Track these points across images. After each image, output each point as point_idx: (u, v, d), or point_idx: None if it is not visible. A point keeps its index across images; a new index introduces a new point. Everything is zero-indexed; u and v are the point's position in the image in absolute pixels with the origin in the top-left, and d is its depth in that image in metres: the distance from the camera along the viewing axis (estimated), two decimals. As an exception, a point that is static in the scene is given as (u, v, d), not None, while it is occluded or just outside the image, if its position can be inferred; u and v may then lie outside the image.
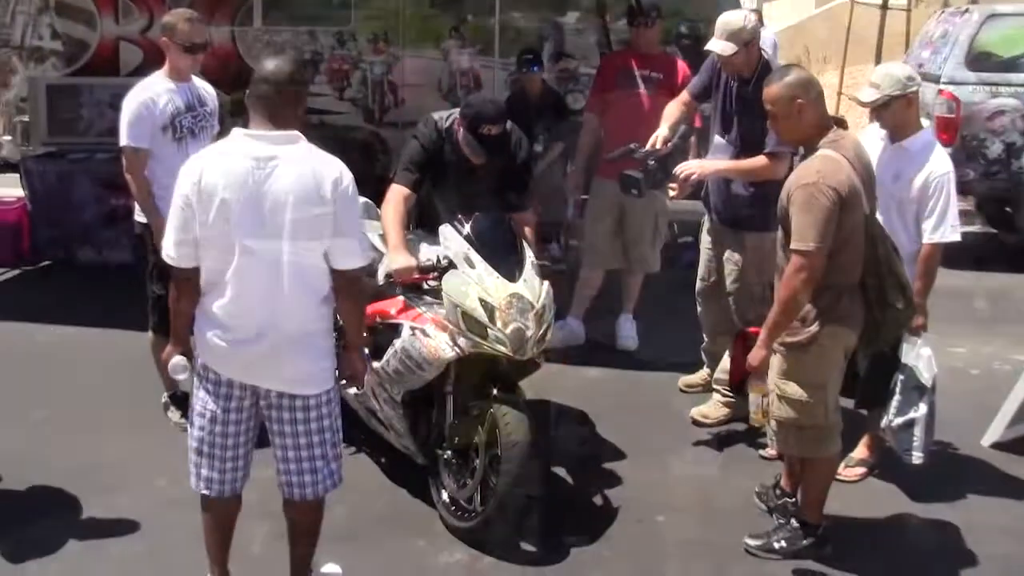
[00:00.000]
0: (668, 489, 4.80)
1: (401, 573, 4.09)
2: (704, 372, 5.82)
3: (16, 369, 6.14)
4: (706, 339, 5.74)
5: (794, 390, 3.99)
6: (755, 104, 4.79)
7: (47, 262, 8.14)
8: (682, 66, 6.26)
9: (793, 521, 4.22)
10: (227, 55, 9.00)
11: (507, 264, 4.32)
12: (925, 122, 4.64)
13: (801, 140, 4.02)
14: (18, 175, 8.50)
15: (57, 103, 8.26)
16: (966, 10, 9.04)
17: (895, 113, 4.47)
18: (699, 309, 5.69)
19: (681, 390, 5.88)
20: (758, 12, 8.36)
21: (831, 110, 12.49)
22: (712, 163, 5.20)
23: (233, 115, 8.72)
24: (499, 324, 4.15)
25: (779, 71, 4.04)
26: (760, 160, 5.00)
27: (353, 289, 3.55)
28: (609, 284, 6.71)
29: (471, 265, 4.28)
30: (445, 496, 4.40)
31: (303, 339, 3.45)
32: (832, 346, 3.96)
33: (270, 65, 3.42)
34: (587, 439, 5.36)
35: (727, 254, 5.32)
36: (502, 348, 4.15)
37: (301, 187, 3.28)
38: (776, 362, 4.02)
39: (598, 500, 4.68)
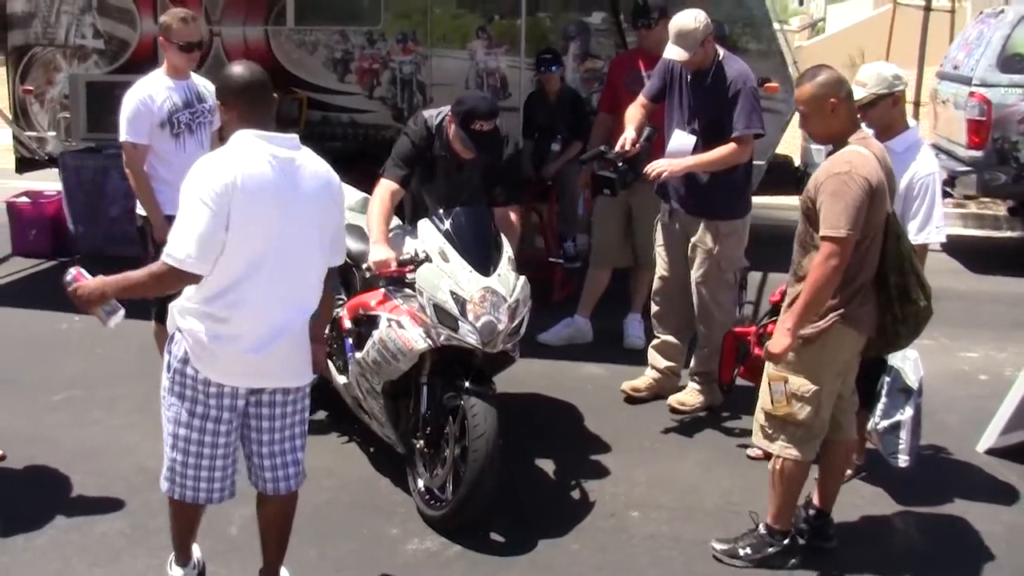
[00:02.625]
0: (648, 486, 4.81)
1: (369, 558, 4.15)
2: (650, 376, 5.84)
3: (39, 355, 6.38)
4: (663, 336, 5.77)
5: (790, 382, 3.96)
6: (715, 93, 5.17)
7: (80, 254, 8.37)
8: None
9: (761, 528, 4.20)
10: (261, 54, 9.18)
11: (482, 259, 4.38)
12: (912, 122, 4.60)
13: (832, 137, 3.98)
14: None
15: (96, 100, 8.45)
16: (1001, 11, 8.88)
17: (881, 112, 4.44)
18: (657, 308, 5.77)
19: (626, 394, 5.81)
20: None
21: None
22: (680, 161, 5.25)
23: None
24: (471, 317, 4.21)
25: (810, 71, 4.02)
26: (727, 148, 5.18)
27: (328, 284, 3.64)
28: (618, 283, 6.74)
29: (445, 259, 4.35)
30: (421, 485, 4.47)
31: (304, 331, 3.50)
32: (836, 347, 3.94)
33: (246, 69, 3.42)
34: (577, 434, 5.39)
35: (697, 243, 5.41)
36: (472, 340, 4.22)
37: (319, 187, 3.39)
38: None
39: (575, 494, 4.71)
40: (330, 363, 5.12)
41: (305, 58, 9.21)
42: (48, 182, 9.46)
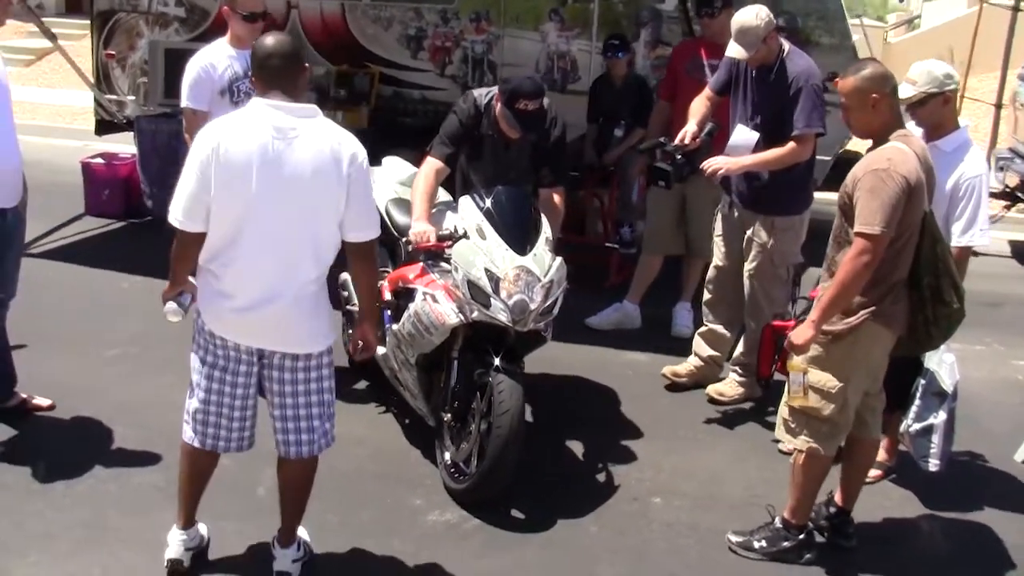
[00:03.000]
0: (674, 473, 4.83)
1: (389, 526, 4.25)
2: (692, 363, 5.84)
3: (100, 312, 6.59)
4: (711, 325, 5.77)
5: (816, 377, 3.96)
6: (777, 90, 5.12)
7: (150, 217, 8.60)
8: None
9: (777, 521, 4.20)
10: (337, 29, 9.33)
11: (519, 238, 4.42)
12: (963, 122, 4.51)
13: (873, 133, 3.97)
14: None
15: (174, 67, 8.58)
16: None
17: (931, 111, 4.38)
18: (709, 296, 5.77)
19: (665, 377, 5.84)
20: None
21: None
22: (738, 160, 5.24)
23: (338, 86, 9.07)
24: (503, 295, 4.27)
25: (855, 65, 4.03)
26: (785, 147, 5.13)
27: (365, 261, 3.67)
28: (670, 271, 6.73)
29: (483, 236, 4.41)
30: (447, 458, 4.55)
31: (307, 300, 3.55)
32: (867, 344, 3.93)
33: (272, 40, 3.52)
34: (612, 419, 5.42)
35: (753, 236, 5.39)
36: (503, 318, 4.27)
37: (320, 160, 3.40)
38: None
39: (601, 477, 4.75)
40: (371, 334, 5.23)
41: (380, 34, 9.31)
42: (124, 145, 9.72)
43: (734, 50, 5.16)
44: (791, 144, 5.14)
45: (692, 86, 6.28)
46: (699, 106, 5.55)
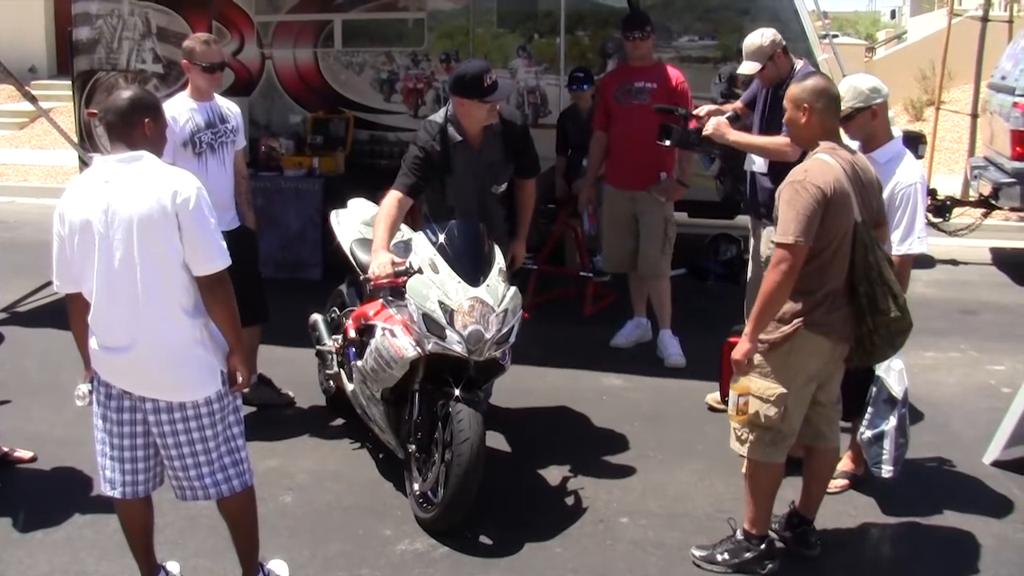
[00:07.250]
0: (643, 493, 4.91)
1: (359, 558, 4.32)
2: None
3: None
4: None
5: (758, 385, 4.04)
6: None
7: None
8: (674, 72, 6.52)
9: (738, 533, 4.27)
10: (311, 76, 9.51)
11: (472, 270, 4.53)
12: (896, 132, 4.63)
13: (804, 142, 4.14)
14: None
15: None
16: (1047, 21, 8.75)
17: (860, 125, 4.51)
18: (749, 300, 5.83)
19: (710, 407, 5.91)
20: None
21: (931, 124, 12.13)
22: (734, 133, 5.49)
23: (314, 132, 9.23)
24: (458, 326, 4.37)
25: (803, 76, 4.23)
26: (776, 139, 5.32)
27: (214, 294, 3.60)
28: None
29: (435, 270, 4.52)
30: (416, 488, 4.63)
31: (174, 348, 3.57)
32: (803, 352, 3.99)
33: (113, 97, 3.67)
34: (584, 443, 5.50)
35: (765, 244, 5.55)
36: (458, 349, 4.37)
37: (141, 202, 3.44)
38: None
39: (570, 500, 4.83)
40: (341, 371, 5.33)
41: (352, 79, 9.51)
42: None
43: (745, 67, 5.47)
44: (783, 139, 5.21)
45: (623, 111, 6.55)
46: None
